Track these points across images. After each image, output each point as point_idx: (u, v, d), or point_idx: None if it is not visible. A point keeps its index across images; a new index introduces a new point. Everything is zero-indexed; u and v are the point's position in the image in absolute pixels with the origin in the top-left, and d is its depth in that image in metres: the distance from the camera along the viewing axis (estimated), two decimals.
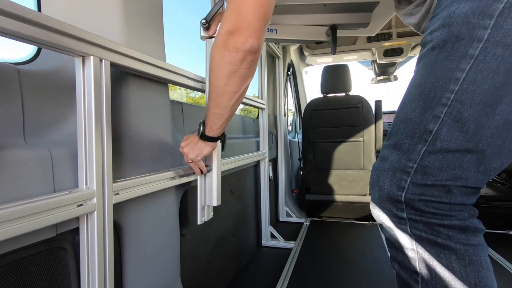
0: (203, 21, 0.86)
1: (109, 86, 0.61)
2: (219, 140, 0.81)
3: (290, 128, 3.49)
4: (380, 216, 0.58)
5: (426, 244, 0.52)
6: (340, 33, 1.09)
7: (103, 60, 0.59)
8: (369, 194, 2.32)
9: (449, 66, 0.49)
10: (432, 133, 0.50)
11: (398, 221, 0.55)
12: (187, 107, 1.18)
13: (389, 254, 0.61)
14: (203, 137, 0.77)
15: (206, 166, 0.95)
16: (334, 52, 1.03)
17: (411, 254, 0.54)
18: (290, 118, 3.50)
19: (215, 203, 0.96)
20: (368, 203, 2.29)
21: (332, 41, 1.04)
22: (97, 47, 0.58)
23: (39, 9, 0.68)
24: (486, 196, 2.10)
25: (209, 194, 0.97)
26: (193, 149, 0.79)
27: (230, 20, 0.55)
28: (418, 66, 0.56)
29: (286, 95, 2.59)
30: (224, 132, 0.82)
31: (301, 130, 2.57)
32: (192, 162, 0.84)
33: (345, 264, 1.55)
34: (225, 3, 0.91)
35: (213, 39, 0.91)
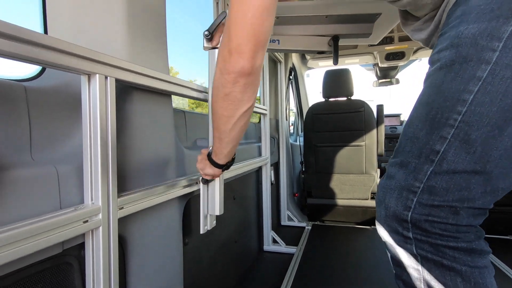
0: (206, 32, 0.87)
1: (114, 102, 0.62)
2: (222, 169, 0.80)
3: (292, 128, 3.49)
4: (385, 234, 0.58)
5: (432, 265, 0.52)
6: (342, 42, 1.10)
7: (109, 78, 0.60)
8: (371, 199, 2.32)
9: (457, 87, 0.48)
10: (439, 153, 0.50)
11: (404, 240, 0.55)
12: (189, 116, 1.19)
13: (394, 271, 0.61)
14: (209, 158, 0.78)
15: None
16: (336, 63, 1.03)
17: (416, 274, 0.54)
18: (292, 119, 3.50)
19: (217, 212, 0.97)
20: (369, 207, 2.30)
21: (334, 51, 1.05)
22: (103, 65, 0.59)
23: (46, 30, 0.69)
24: None
25: (212, 203, 0.98)
26: (201, 161, 0.81)
27: (223, 42, 0.55)
28: (425, 84, 0.55)
29: (288, 99, 2.60)
30: (231, 160, 0.81)
31: (302, 133, 2.57)
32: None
33: (347, 270, 1.55)
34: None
35: (216, 50, 0.93)
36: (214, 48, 0.91)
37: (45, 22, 0.69)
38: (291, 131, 3.44)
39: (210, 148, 0.79)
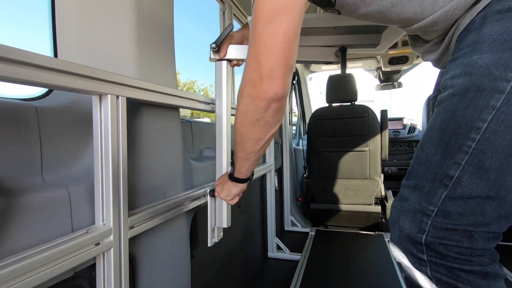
0: (213, 45, 0.87)
1: (125, 121, 0.61)
2: (248, 181, 0.81)
3: (294, 128, 3.48)
4: (399, 255, 0.58)
5: (447, 287, 0.52)
6: (348, 51, 1.09)
7: (120, 97, 0.59)
8: (375, 204, 2.32)
9: (471, 115, 0.49)
10: (453, 179, 0.50)
11: (418, 262, 0.55)
12: (196, 125, 1.19)
13: None
14: (232, 178, 0.77)
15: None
16: (344, 73, 1.03)
17: None
18: (295, 119, 3.49)
19: (225, 225, 0.96)
20: (373, 213, 2.29)
21: (342, 62, 1.04)
22: (114, 84, 0.58)
23: (56, 53, 0.68)
24: None
25: (219, 216, 0.97)
26: (223, 188, 0.81)
27: (251, 68, 0.54)
28: (438, 108, 0.56)
29: (291, 103, 2.59)
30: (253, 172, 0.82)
31: (305, 136, 2.57)
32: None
33: (353, 278, 1.55)
34: (236, 27, 0.91)
35: (223, 61, 0.92)
36: (220, 60, 0.91)
37: (55, 45, 0.68)
38: (294, 133, 3.44)
39: (230, 169, 0.79)
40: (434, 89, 1.11)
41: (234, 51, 0.91)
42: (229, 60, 0.93)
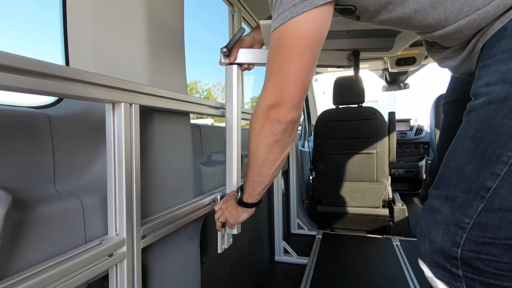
0: (225, 49, 0.86)
1: (139, 129, 0.60)
2: (257, 206, 0.80)
3: (300, 129, 3.46)
4: (431, 270, 0.55)
5: None
6: (361, 55, 1.07)
7: (133, 105, 0.58)
8: (382, 207, 2.29)
9: (510, 124, 0.47)
10: (491, 190, 0.48)
11: (453, 278, 0.52)
12: (204, 130, 1.17)
13: None
14: (241, 203, 0.77)
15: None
16: (356, 78, 1.01)
17: None
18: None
19: (235, 232, 0.95)
20: (380, 216, 2.26)
21: (355, 66, 1.02)
22: (128, 92, 0.57)
23: (67, 61, 0.67)
24: None
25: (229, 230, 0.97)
26: (231, 214, 0.80)
27: (271, 95, 0.58)
28: (470, 116, 0.53)
29: None
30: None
31: (310, 137, 2.55)
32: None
33: (362, 283, 1.53)
34: (246, 31, 0.90)
35: (233, 65, 0.91)
36: (231, 64, 0.90)
37: (67, 53, 0.67)
38: (299, 135, 3.42)
39: (238, 195, 0.77)
40: (450, 94, 1.08)
41: (244, 55, 0.90)
42: (240, 64, 0.91)
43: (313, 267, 1.70)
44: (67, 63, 0.68)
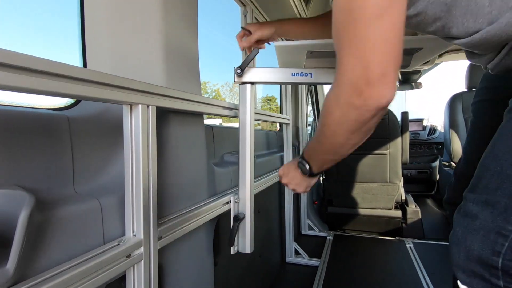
0: (238, 70, 0.86)
1: (155, 130, 0.60)
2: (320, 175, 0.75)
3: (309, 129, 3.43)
4: (467, 279, 0.52)
5: None
6: None
7: (150, 106, 0.58)
8: (395, 208, 2.25)
9: None
10: None
11: None
12: (217, 130, 1.17)
13: None
14: (312, 175, 0.73)
15: (240, 213, 0.96)
16: None
17: None
18: (310, 118, 3.44)
19: (248, 251, 0.96)
20: (393, 217, 2.23)
21: None
22: (145, 94, 0.57)
23: (85, 63, 0.68)
24: None
25: (242, 241, 0.97)
26: (300, 184, 0.77)
27: (354, 71, 0.45)
28: None
29: (308, 105, 2.55)
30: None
31: None
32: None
33: (375, 285, 1.50)
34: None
35: (247, 84, 0.90)
36: (244, 83, 0.90)
37: (84, 56, 0.68)
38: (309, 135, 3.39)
39: (306, 167, 0.71)
40: (481, 93, 1.04)
41: (257, 75, 0.89)
42: (253, 83, 0.91)
43: (325, 269, 1.69)
44: (84, 65, 0.69)
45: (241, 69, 0.86)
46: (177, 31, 0.76)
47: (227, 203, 0.95)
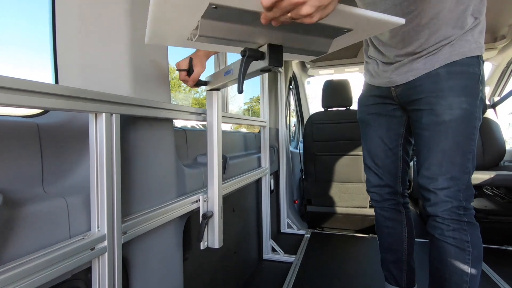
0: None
1: (119, 136, 0.67)
2: None
3: (293, 131, 3.53)
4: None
5: None
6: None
7: (114, 114, 0.65)
8: (369, 207, 2.36)
9: None
10: None
11: None
12: (190, 134, 1.24)
13: None
14: None
15: (208, 211, 1.03)
16: (240, 91, 0.66)
17: None
18: (294, 119, 3.53)
19: (217, 246, 1.03)
20: (367, 215, 2.33)
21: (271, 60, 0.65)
22: (108, 103, 0.64)
23: (57, 80, 0.74)
24: (486, 210, 2.12)
25: (212, 237, 1.04)
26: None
27: None
28: None
29: (288, 107, 2.64)
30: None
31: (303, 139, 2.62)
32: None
33: (345, 279, 1.59)
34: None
35: (213, 91, 0.98)
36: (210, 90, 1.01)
37: (57, 75, 0.74)
38: (292, 136, 3.48)
39: None
40: None
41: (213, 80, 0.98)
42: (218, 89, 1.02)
43: (299, 265, 1.77)
44: (56, 76, 0.75)
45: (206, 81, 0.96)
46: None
47: (196, 201, 1.02)
